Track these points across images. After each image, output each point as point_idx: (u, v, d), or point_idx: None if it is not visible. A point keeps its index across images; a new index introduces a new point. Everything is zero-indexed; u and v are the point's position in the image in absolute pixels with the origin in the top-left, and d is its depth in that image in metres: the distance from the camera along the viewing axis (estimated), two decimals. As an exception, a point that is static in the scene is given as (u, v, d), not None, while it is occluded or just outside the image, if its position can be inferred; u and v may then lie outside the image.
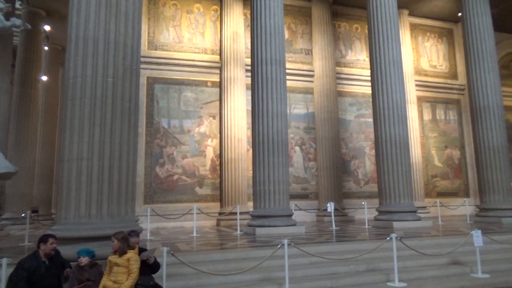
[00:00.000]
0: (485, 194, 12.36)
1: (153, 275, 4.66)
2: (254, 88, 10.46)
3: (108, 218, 5.77)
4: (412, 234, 9.14)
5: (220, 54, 14.96)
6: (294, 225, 9.85)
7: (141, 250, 4.64)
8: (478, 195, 13.14)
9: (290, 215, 10.06)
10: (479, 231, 6.88)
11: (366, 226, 11.66)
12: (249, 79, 11.08)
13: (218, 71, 14.87)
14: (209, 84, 14.78)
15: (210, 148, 14.41)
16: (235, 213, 11.48)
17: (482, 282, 6.53)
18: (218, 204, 14.06)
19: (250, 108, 11.21)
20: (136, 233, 4.76)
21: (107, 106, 6.05)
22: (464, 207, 14.00)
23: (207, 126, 14.52)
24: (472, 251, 7.08)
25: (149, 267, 4.55)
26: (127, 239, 4.39)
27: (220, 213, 13.50)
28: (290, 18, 16.40)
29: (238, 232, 10.43)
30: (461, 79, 18.45)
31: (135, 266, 4.22)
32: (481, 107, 12.70)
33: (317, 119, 15.70)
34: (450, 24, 19.14)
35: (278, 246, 6.02)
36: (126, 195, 6.07)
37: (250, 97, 11.04)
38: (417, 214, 11.17)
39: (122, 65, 6.30)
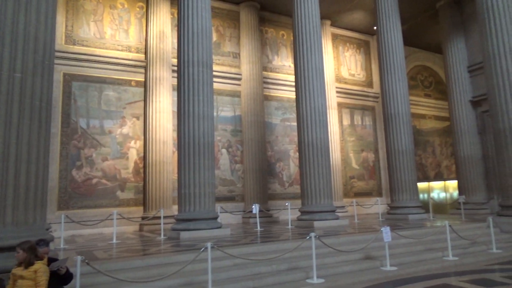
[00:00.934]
0: (394, 193, 13.51)
1: (65, 287, 4.34)
2: (181, 90, 10.29)
3: (13, 227, 5.26)
4: (330, 232, 9.67)
5: (146, 53, 14.47)
6: (220, 227, 9.86)
7: (51, 260, 4.29)
8: (389, 195, 14.31)
9: (216, 218, 10.04)
10: (388, 228, 7.50)
11: (289, 226, 12.08)
12: (176, 79, 10.87)
13: (143, 70, 14.36)
14: (133, 83, 14.21)
15: (133, 150, 13.84)
16: (159, 217, 11.15)
17: (390, 274, 7.13)
18: (142, 208, 13.55)
19: (176, 109, 10.99)
20: (45, 242, 4.39)
21: (14, 104, 5.52)
22: (378, 206, 15.17)
23: (130, 127, 13.93)
24: (382, 246, 7.69)
25: (60, 279, 4.22)
26: (34, 249, 4.03)
27: (143, 218, 13.01)
28: (218, 20, 16.44)
29: (162, 236, 10.15)
30: (376, 88, 20.01)
31: (43, 278, 3.89)
32: (392, 114, 13.86)
33: (244, 122, 15.92)
34: (367, 36, 20.67)
35: (201, 250, 5.97)
36: (35, 201, 5.58)
37: (176, 98, 10.82)
38: (336, 214, 11.84)
39: (32, 59, 5.80)
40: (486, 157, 15.63)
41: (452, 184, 18.81)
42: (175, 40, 13.81)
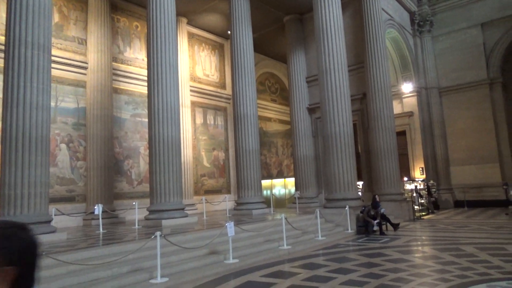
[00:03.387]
0: (241, 190, 14.35)
1: None
2: (9, 74, 8.75)
3: None
4: (178, 230, 9.65)
5: (-39, 24, 11.88)
6: (54, 232, 8.77)
7: None
8: (237, 192, 15.11)
9: (49, 222, 8.90)
10: (232, 223, 7.91)
11: (136, 226, 11.60)
12: (2, 61, 9.21)
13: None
14: None
15: None
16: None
17: (232, 267, 7.52)
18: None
19: (1, 95, 9.32)
20: None
21: None
22: (226, 203, 15.87)
23: None
24: (226, 240, 8.06)
25: None
26: None
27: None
28: (61, 0, 14.66)
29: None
30: (229, 89, 20.88)
31: None
32: (241, 115, 14.68)
33: (89, 115, 14.58)
34: (222, 39, 21.39)
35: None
36: None
37: (2, 83, 9.18)
38: (185, 211, 11.88)
39: None
40: (317, 158, 17.98)
41: (291, 181, 21.03)
42: (4, 15, 11.71)
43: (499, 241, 9.50)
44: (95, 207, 11.39)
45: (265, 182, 20.17)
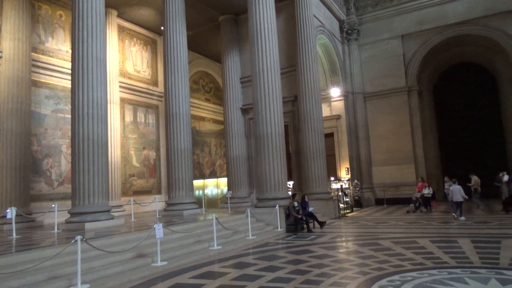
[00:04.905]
0: (172, 191, 14.02)
1: None
2: None
3: None
4: (103, 233, 9.14)
5: None
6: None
7: None
8: (168, 192, 14.74)
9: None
10: (161, 224, 7.69)
11: (56, 230, 10.74)
12: None
13: None
14: None
15: None
16: None
17: (160, 269, 7.31)
18: None
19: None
20: None
21: None
22: (156, 204, 15.37)
23: None
24: (155, 242, 7.81)
25: None
26: None
27: None
28: (-30, -20, 13.17)
29: None
30: (161, 87, 20.27)
31: None
32: (174, 114, 14.33)
33: (2, 109, 13.23)
34: (154, 34, 20.72)
35: None
36: None
37: None
38: (111, 213, 11.30)
39: None
40: (250, 158, 18.18)
41: (224, 181, 21.01)
42: None
43: (412, 235, 10.38)
44: (7, 211, 10.37)
45: (197, 182, 19.95)
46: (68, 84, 14.32)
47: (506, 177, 14.56)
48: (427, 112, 23.54)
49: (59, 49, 15.92)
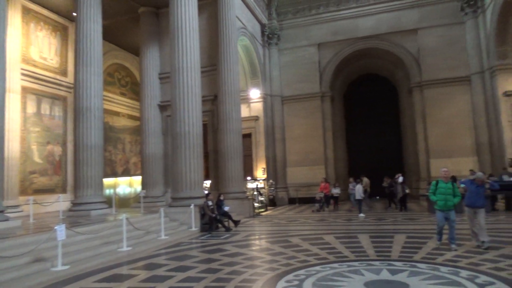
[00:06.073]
0: (79, 189, 13.09)
1: None
2: None
3: None
4: (-6, 236, 8.20)
5: None
6: None
7: None
8: (74, 191, 13.72)
9: None
10: (63, 226, 7.15)
11: None
12: None
13: None
14: None
15: None
16: None
17: (60, 274, 6.79)
18: None
19: None
20: None
21: None
22: (60, 203, 14.17)
23: None
24: (56, 245, 7.23)
25: None
26: None
27: None
28: None
29: None
30: (70, 78, 18.69)
31: None
32: (84, 107, 13.39)
33: None
34: (65, 20, 19.07)
35: None
36: None
37: None
38: (6, 214, 10.18)
39: None
40: (166, 156, 17.72)
41: (138, 180, 20.21)
42: None
43: (319, 232, 11.07)
44: None
45: (108, 181, 18.90)
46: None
47: (401, 179, 16.31)
48: (338, 117, 25.27)
49: None
